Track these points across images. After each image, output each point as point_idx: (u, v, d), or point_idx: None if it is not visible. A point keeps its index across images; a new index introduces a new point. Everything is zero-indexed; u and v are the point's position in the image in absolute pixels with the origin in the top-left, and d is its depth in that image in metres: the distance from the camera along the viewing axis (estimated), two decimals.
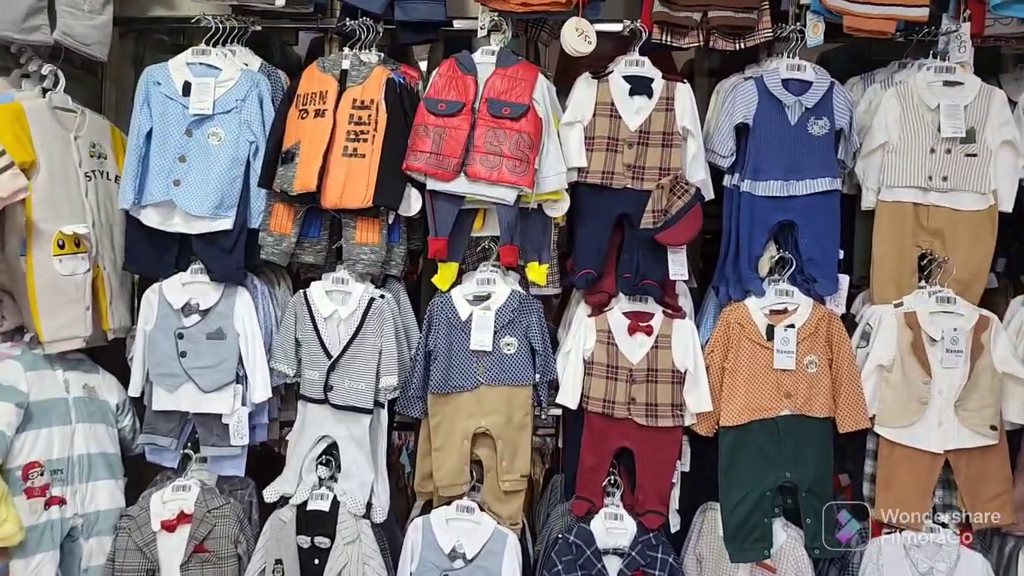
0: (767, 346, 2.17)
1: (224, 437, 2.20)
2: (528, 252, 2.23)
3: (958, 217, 2.17)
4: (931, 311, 2.14)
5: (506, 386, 2.20)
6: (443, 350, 2.19)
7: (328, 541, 2.16)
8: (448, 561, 2.17)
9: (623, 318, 2.22)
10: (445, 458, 2.20)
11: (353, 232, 2.20)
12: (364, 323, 2.19)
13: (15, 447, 2.05)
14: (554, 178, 2.16)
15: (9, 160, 1.98)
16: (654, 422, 2.19)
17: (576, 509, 2.21)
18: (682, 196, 2.15)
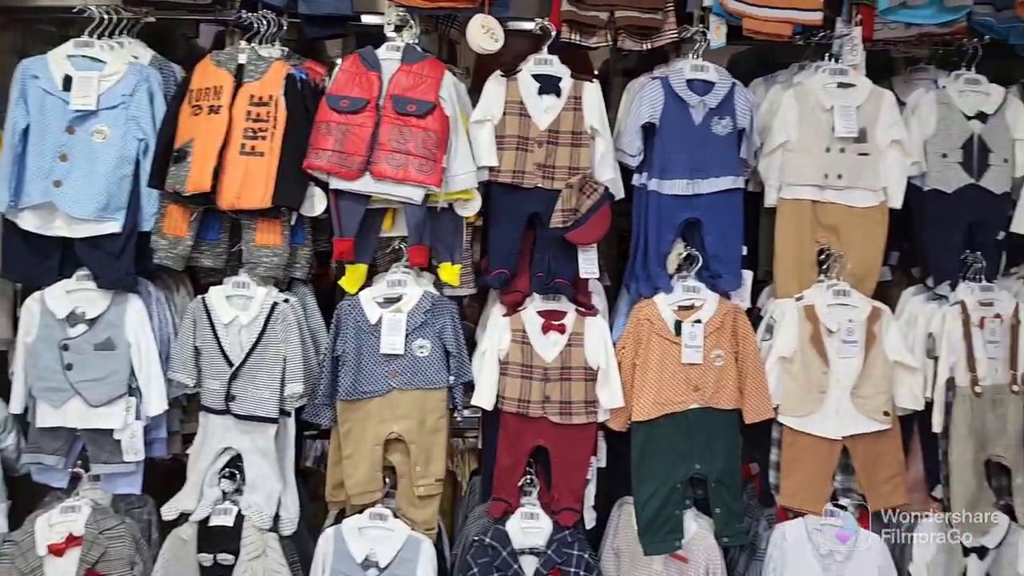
0: (675, 341, 1.87)
1: (116, 453, 1.76)
2: (440, 252, 1.86)
3: (852, 213, 1.92)
4: (828, 304, 1.88)
5: (419, 389, 1.83)
6: (352, 355, 1.80)
7: (232, 558, 1.75)
8: (361, 571, 1.79)
9: (537, 317, 1.88)
10: (356, 465, 1.81)
11: (253, 234, 1.78)
12: (267, 329, 1.77)
13: None
14: (463, 177, 1.79)
15: None
16: (568, 420, 1.86)
17: (492, 511, 1.86)
18: (591, 195, 1.82)
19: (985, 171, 1.93)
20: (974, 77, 1.96)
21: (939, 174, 1.93)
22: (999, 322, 1.92)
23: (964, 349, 1.89)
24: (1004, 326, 1.92)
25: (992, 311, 1.92)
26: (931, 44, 2.02)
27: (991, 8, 1.93)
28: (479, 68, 2.18)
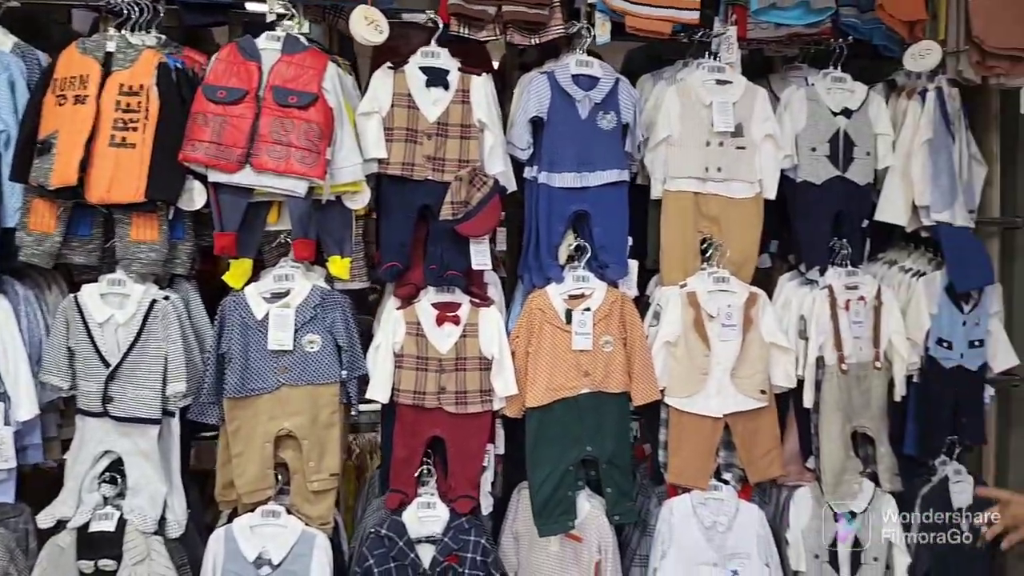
0: (566, 329, 1.64)
1: None
2: (329, 246, 1.56)
3: (731, 204, 1.72)
4: (709, 290, 1.69)
5: (310, 385, 1.54)
6: (239, 352, 1.50)
7: (115, 564, 1.43)
8: (254, 569, 1.50)
9: (431, 309, 1.62)
10: (246, 464, 1.52)
11: (128, 229, 1.45)
12: (145, 327, 1.46)
13: None
14: (349, 169, 1.51)
15: None
16: (464, 409, 1.61)
17: (389, 502, 1.60)
18: (481, 188, 1.56)
19: (850, 164, 1.77)
20: (840, 75, 1.78)
21: (809, 167, 1.75)
22: (863, 304, 1.76)
23: (832, 330, 1.73)
24: (867, 307, 1.77)
25: (857, 294, 1.76)
26: (801, 44, 1.83)
27: (856, 10, 1.75)
28: (378, 61, 1.87)
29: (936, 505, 1.80)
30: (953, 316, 1.81)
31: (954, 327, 1.81)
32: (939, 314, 1.80)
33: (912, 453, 1.84)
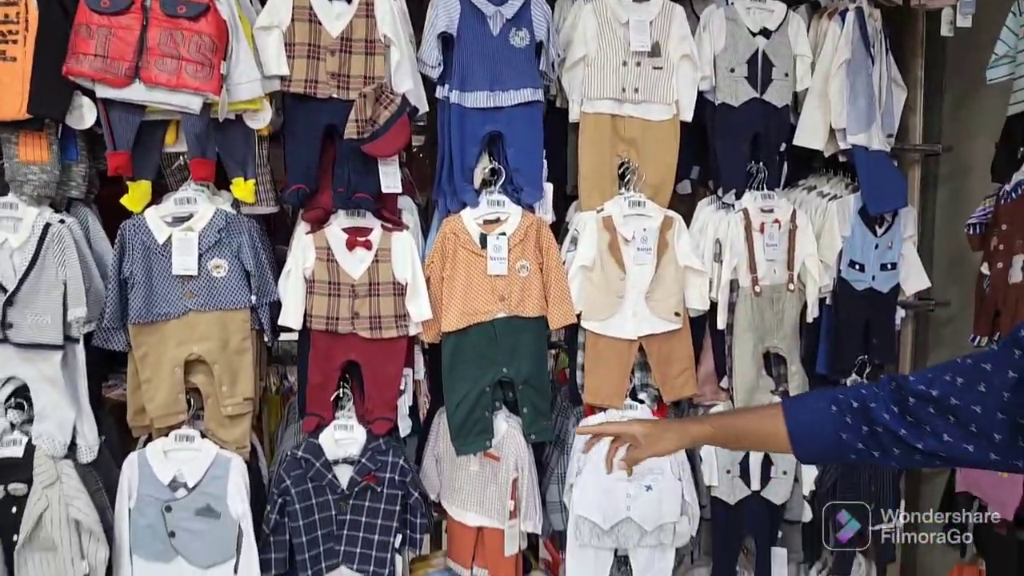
0: (481, 254, 1.66)
1: None
2: (232, 167, 1.54)
3: (648, 127, 1.73)
4: (625, 214, 1.71)
5: (218, 311, 1.55)
6: (142, 276, 1.50)
7: (25, 487, 1.45)
8: (169, 492, 1.54)
9: (342, 233, 1.62)
10: (156, 389, 1.53)
11: (15, 149, 1.42)
12: (40, 251, 1.44)
13: None
14: (247, 85, 1.47)
15: None
16: (379, 334, 1.64)
17: (305, 426, 1.63)
18: (388, 106, 1.54)
19: (768, 85, 1.77)
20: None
21: (727, 88, 1.75)
22: (778, 227, 1.80)
23: (746, 252, 1.77)
24: (782, 231, 1.81)
25: (772, 217, 1.80)
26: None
27: None
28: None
29: None
30: (866, 239, 1.86)
31: (866, 249, 1.87)
32: (852, 236, 1.85)
33: (824, 372, 1.92)
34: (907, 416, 0.91)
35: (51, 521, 1.44)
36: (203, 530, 1.53)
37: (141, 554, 1.53)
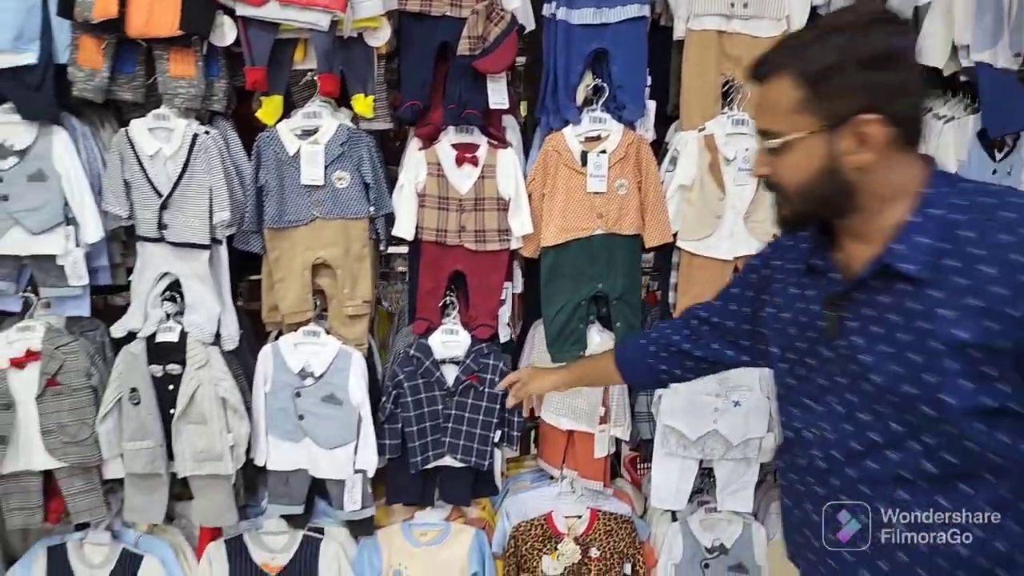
0: (582, 172, 1.73)
1: (62, 278, 1.65)
2: (353, 84, 1.67)
3: (756, 44, 1.71)
4: (727, 133, 1.73)
5: (341, 219, 1.70)
6: (275, 185, 1.66)
7: (180, 368, 1.69)
8: (299, 379, 1.74)
9: (451, 150, 1.73)
10: (287, 289, 1.72)
11: (167, 64, 1.58)
12: (190, 160, 1.62)
13: None
14: (369, 4, 1.58)
15: None
16: (483, 247, 1.76)
17: (416, 328, 1.79)
18: (498, 23, 1.61)
19: None
20: None
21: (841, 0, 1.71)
22: None
23: None
24: None
25: None
26: None
27: None
28: None
29: None
30: (983, 163, 1.80)
31: (983, 175, 1.80)
32: (968, 161, 1.79)
33: None
34: (692, 335, 1.22)
35: (202, 398, 1.67)
36: (328, 415, 1.73)
37: (275, 433, 1.75)
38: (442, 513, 1.87)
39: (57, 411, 1.66)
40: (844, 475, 0.92)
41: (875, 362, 0.87)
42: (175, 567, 1.80)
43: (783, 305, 1.02)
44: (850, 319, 0.91)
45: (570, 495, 1.88)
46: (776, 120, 0.88)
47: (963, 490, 0.84)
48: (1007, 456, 0.82)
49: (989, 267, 0.80)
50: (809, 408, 0.97)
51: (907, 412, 0.86)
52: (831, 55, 0.83)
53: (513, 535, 1.86)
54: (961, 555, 0.84)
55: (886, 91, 0.83)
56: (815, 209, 0.91)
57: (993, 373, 0.81)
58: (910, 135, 0.87)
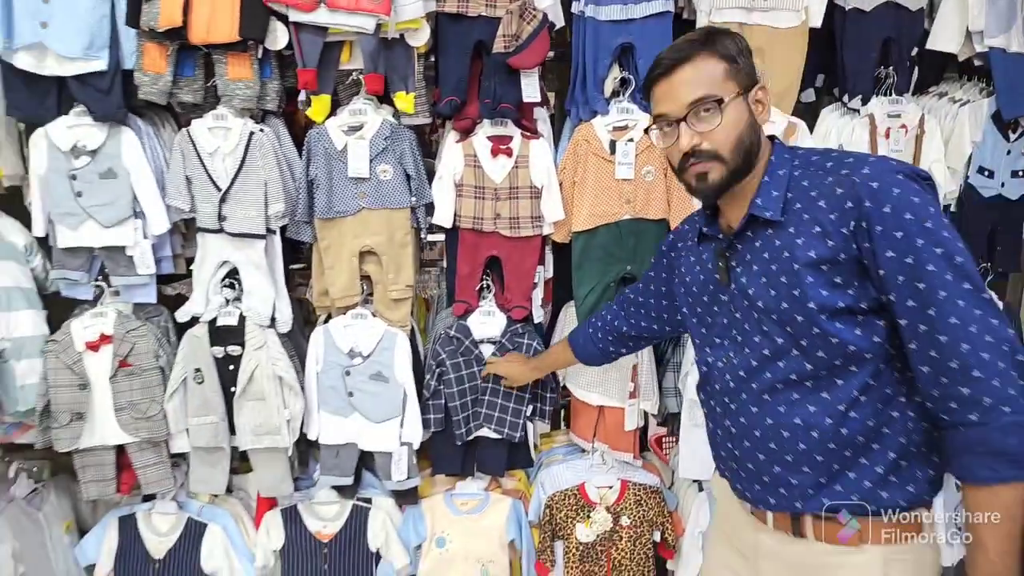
0: (610, 160, 1.83)
1: (131, 268, 1.80)
2: (395, 82, 1.79)
3: (776, 34, 1.81)
4: None
5: (386, 209, 1.83)
6: (324, 178, 1.79)
7: (239, 349, 1.83)
8: (348, 359, 1.87)
9: (486, 142, 1.84)
10: (337, 275, 1.85)
11: (225, 68, 1.72)
12: (247, 156, 1.75)
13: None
14: (411, 6, 1.69)
15: None
16: (517, 233, 1.87)
17: (455, 310, 1.92)
18: (531, 22, 1.72)
19: None
20: None
21: None
22: (904, 132, 1.86)
23: None
24: (909, 136, 1.86)
25: (898, 122, 1.86)
26: None
27: None
28: None
29: None
30: (997, 144, 1.88)
31: (997, 155, 1.88)
32: (983, 142, 1.87)
33: None
34: (625, 316, 1.49)
35: (261, 376, 1.82)
36: (375, 392, 1.87)
37: (327, 409, 1.89)
38: (481, 484, 2.01)
39: (129, 390, 1.82)
40: (750, 388, 1.12)
41: (757, 292, 1.09)
42: (236, 534, 1.96)
43: (686, 273, 1.26)
44: (735, 265, 1.13)
45: (601, 467, 2.00)
46: (713, 87, 1.07)
47: (837, 383, 1.04)
48: (863, 347, 1.02)
49: (822, 202, 1.03)
50: (718, 345, 1.18)
51: (786, 325, 1.05)
52: (731, 42, 1.09)
53: (548, 504, 1.99)
54: (841, 432, 1.05)
55: (755, 72, 1.11)
56: (742, 162, 1.09)
57: (840, 281, 1.01)
58: None
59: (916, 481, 1.05)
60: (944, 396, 0.96)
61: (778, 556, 1.14)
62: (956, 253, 0.94)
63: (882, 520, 1.04)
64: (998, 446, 0.93)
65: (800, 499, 1.08)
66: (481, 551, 1.97)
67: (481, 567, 1.97)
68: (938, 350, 0.95)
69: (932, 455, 1.05)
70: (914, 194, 0.96)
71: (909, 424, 1.04)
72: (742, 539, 1.21)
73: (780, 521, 1.12)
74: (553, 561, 1.99)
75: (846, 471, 1.05)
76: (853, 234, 0.99)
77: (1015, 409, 0.92)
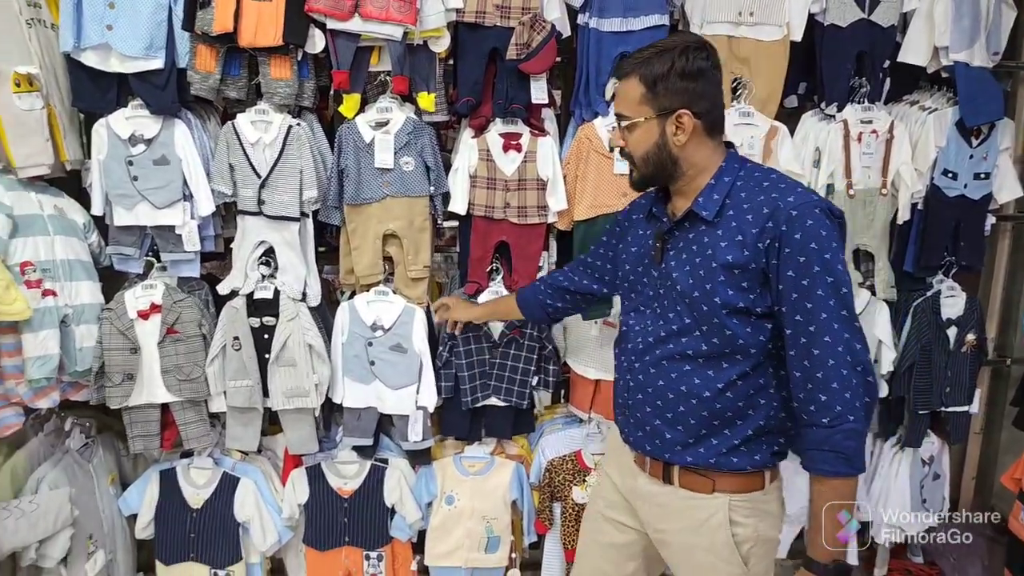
0: (610, 156, 2.08)
1: (179, 245, 2.05)
2: (418, 83, 2.04)
3: (760, 46, 2.05)
4: (734, 124, 2.06)
5: (407, 197, 2.07)
6: (353, 168, 2.04)
7: (274, 320, 2.08)
8: (371, 331, 2.12)
9: (499, 138, 2.09)
10: (362, 255, 2.10)
11: (268, 68, 1.97)
12: (285, 146, 2.00)
13: (10, 249, 1.85)
14: (434, 17, 1.94)
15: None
16: (524, 220, 2.12)
17: (467, 290, 2.17)
18: (540, 32, 1.97)
19: (876, 6, 2.04)
20: None
21: (836, 10, 2.03)
22: (875, 137, 2.09)
23: (843, 159, 2.08)
24: (879, 140, 2.10)
25: (870, 128, 2.09)
26: None
27: None
28: None
29: (926, 314, 2.21)
30: (961, 149, 2.11)
31: (961, 159, 2.12)
32: (947, 147, 2.10)
33: (911, 270, 2.23)
34: (572, 275, 1.69)
35: (293, 344, 2.07)
36: (395, 361, 2.12)
37: (350, 376, 2.14)
38: (487, 448, 2.25)
39: (175, 354, 2.07)
40: (653, 353, 1.35)
41: (680, 276, 1.30)
42: (266, 488, 2.21)
43: (632, 242, 1.46)
44: (669, 249, 1.34)
45: (596, 435, 2.24)
46: (628, 108, 1.30)
47: (723, 365, 1.28)
48: (750, 343, 1.25)
49: (749, 215, 1.23)
50: (640, 312, 1.40)
51: (694, 309, 1.28)
52: (663, 67, 1.25)
53: (548, 469, 2.23)
54: (715, 405, 1.29)
55: (694, 96, 1.26)
56: (653, 173, 1.33)
57: (745, 285, 1.23)
58: (713, 126, 1.30)
59: (762, 452, 1.30)
60: (807, 399, 1.19)
61: (651, 497, 1.41)
62: (843, 285, 1.17)
63: (730, 476, 1.31)
64: (839, 447, 1.17)
65: (669, 451, 1.34)
66: (486, 509, 2.22)
67: (486, 524, 2.22)
68: (810, 360, 1.17)
69: (780, 436, 1.31)
70: (823, 228, 1.17)
71: (771, 412, 1.29)
72: (623, 481, 1.49)
73: (655, 469, 1.39)
74: (552, 520, 2.24)
75: (711, 437, 1.30)
76: (766, 250, 1.20)
77: (856, 419, 1.16)
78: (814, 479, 1.22)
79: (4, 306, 1.81)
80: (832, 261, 1.16)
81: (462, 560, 2.22)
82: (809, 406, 1.19)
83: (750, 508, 1.32)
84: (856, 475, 1.19)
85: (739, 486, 1.31)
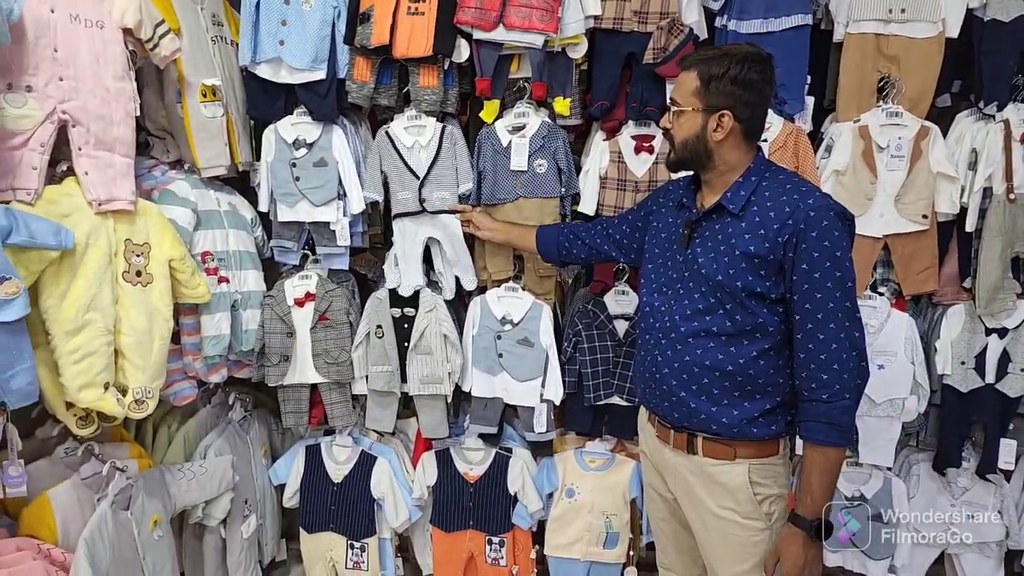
0: None
1: (332, 240, 2.31)
2: (554, 89, 2.18)
3: (912, 44, 2.03)
4: (881, 124, 2.06)
5: (539, 198, 2.23)
6: (490, 170, 2.22)
7: (414, 311, 2.30)
8: (500, 325, 2.29)
9: (631, 140, 2.20)
10: (495, 253, 2.28)
11: (418, 77, 2.18)
12: (441, 147, 2.21)
13: (194, 239, 2.16)
14: (574, 24, 2.08)
15: (167, 27, 1.97)
16: None
17: (593, 289, 2.29)
18: (678, 35, 2.05)
19: None
20: None
21: (998, 4, 1.98)
22: None
23: (1003, 161, 2.02)
24: None
25: None
26: None
27: None
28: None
29: None
30: None
31: None
32: None
33: None
34: (592, 231, 1.93)
35: (430, 334, 2.28)
36: (522, 354, 2.28)
37: (479, 367, 2.33)
38: (608, 445, 2.36)
39: (325, 339, 2.34)
40: (679, 331, 1.54)
41: (705, 261, 1.50)
42: (399, 468, 2.44)
43: (661, 228, 1.67)
44: (696, 237, 1.55)
45: None
46: (681, 96, 1.52)
47: (744, 343, 1.47)
48: (768, 322, 1.45)
49: (772, 212, 1.44)
50: (664, 292, 1.60)
51: (718, 291, 1.48)
52: (719, 69, 1.45)
53: None
54: (737, 379, 1.49)
55: (740, 101, 1.46)
56: (688, 158, 1.54)
57: (764, 273, 1.43)
58: (750, 132, 1.50)
59: (778, 423, 1.50)
60: (809, 376, 1.40)
61: (678, 468, 1.61)
62: (849, 280, 1.38)
63: (749, 444, 1.51)
64: (835, 420, 1.39)
65: (696, 420, 1.53)
66: (606, 505, 2.33)
67: (605, 519, 2.33)
68: (815, 343, 1.39)
69: (793, 408, 1.50)
70: (836, 229, 1.38)
71: (787, 388, 1.48)
72: (654, 457, 1.72)
73: (679, 442, 1.59)
74: None
75: (732, 408, 1.49)
76: (784, 244, 1.40)
77: (851, 397, 1.38)
78: (808, 447, 1.43)
79: (189, 290, 2.13)
80: (841, 258, 1.38)
81: (581, 553, 2.34)
82: (811, 383, 1.40)
83: (768, 470, 1.52)
84: (845, 446, 1.41)
85: (757, 452, 1.51)
